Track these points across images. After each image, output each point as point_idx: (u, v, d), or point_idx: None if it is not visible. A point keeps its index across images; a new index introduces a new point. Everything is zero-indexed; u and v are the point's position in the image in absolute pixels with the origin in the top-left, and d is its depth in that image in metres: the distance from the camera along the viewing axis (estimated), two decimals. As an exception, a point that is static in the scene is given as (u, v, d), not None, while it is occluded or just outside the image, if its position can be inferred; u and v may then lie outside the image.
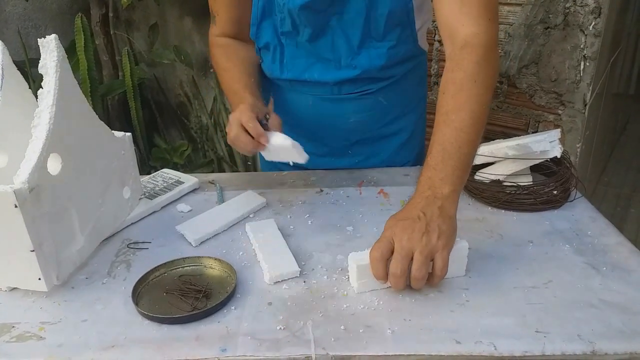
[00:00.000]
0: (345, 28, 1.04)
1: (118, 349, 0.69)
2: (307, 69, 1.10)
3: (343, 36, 1.05)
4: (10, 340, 0.71)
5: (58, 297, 0.80)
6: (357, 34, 1.04)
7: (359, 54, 1.07)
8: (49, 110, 0.76)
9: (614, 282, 0.79)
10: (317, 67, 1.10)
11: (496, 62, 0.89)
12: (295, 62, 1.11)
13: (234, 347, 0.69)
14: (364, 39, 1.05)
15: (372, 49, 1.06)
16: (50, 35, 0.78)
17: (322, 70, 1.10)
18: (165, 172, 1.16)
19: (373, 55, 1.07)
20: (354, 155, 1.21)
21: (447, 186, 0.78)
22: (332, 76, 1.10)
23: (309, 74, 1.11)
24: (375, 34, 1.05)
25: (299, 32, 1.06)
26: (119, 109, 2.49)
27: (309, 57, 1.10)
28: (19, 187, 0.70)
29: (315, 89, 1.13)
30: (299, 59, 1.10)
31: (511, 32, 1.62)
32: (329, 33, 1.05)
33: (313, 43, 1.07)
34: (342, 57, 1.08)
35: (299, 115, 1.18)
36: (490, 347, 0.67)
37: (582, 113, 1.60)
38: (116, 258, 0.89)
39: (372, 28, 1.04)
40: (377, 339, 0.69)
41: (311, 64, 1.10)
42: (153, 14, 2.48)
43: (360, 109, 1.15)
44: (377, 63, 1.08)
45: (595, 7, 1.48)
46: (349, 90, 1.12)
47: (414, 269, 0.73)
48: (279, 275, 0.81)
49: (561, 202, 1.00)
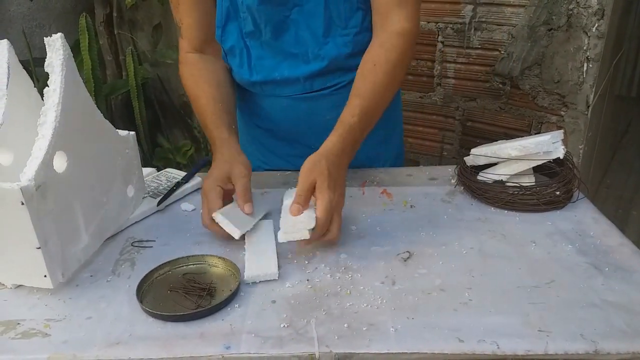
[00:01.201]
0: (307, 19, 1.04)
1: (123, 346, 0.70)
2: (276, 67, 1.09)
3: (306, 28, 1.05)
4: (16, 336, 0.72)
5: (63, 295, 0.80)
6: (320, 24, 1.04)
7: (326, 43, 1.06)
8: (55, 109, 0.77)
9: (616, 283, 0.79)
10: (286, 65, 1.09)
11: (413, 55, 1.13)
12: (263, 63, 1.10)
13: (238, 345, 0.69)
14: (327, 28, 1.05)
15: (338, 37, 1.06)
16: (56, 34, 0.79)
17: (291, 66, 1.09)
18: (169, 172, 1.17)
19: (339, 43, 1.06)
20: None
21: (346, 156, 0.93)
22: (301, 71, 1.09)
23: (279, 72, 1.09)
24: (338, 21, 1.04)
25: (261, 30, 1.05)
26: (122, 108, 2.50)
27: (275, 56, 1.08)
28: (26, 185, 0.71)
29: (287, 89, 1.12)
30: (266, 60, 1.09)
31: (514, 34, 1.63)
32: (292, 27, 1.05)
33: (277, 40, 1.06)
34: (309, 49, 1.07)
35: (274, 119, 1.18)
36: (493, 345, 0.67)
37: (584, 115, 1.60)
38: (120, 256, 0.90)
39: (334, 15, 1.04)
40: (381, 337, 0.69)
41: (279, 62, 1.09)
42: (157, 14, 2.49)
43: (335, 105, 1.13)
44: (344, 51, 1.07)
45: (598, 8, 1.48)
46: (321, 84, 1.11)
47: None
48: (255, 275, 0.81)
49: (564, 203, 1.01)
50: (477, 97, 1.79)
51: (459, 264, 0.85)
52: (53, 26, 2.41)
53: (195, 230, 0.96)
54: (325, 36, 1.05)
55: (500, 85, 1.72)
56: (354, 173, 1.17)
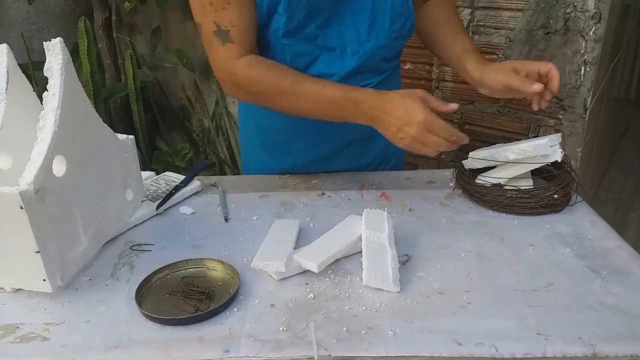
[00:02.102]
0: (353, 16, 1.06)
1: (121, 349, 0.70)
2: (312, 63, 1.08)
3: (351, 24, 1.06)
4: (15, 340, 0.72)
5: (62, 299, 0.80)
6: (365, 22, 1.06)
7: (367, 41, 1.07)
8: (54, 113, 0.77)
9: (614, 286, 0.79)
10: (322, 59, 1.08)
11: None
12: (299, 60, 1.08)
13: (237, 348, 0.69)
14: (371, 27, 1.07)
15: (380, 38, 1.08)
16: (56, 39, 0.79)
17: (327, 62, 1.08)
18: (168, 175, 1.17)
19: (379, 44, 1.08)
20: (348, 154, 1.21)
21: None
22: (337, 68, 1.08)
23: (315, 68, 1.08)
24: (381, 22, 1.07)
25: (307, 23, 1.04)
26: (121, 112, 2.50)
27: (313, 51, 1.08)
28: (25, 189, 0.71)
29: None
30: (303, 57, 1.08)
31: (512, 37, 1.63)
32: (338, 20, 1.06)
33: (323, 31, 1.06)
34: (348, 45, 1.08)
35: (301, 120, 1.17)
36: (491, 349, 0.68)
37: (582, 118, 1.60)
38: (119, 260, 0.90)
39: (378, 16, 1.06)
40: (379, 341, 0.69)
41: (315, 57, 1.08)
42: (155, 18, 2.49)
43: None
44: (381, 53, 1.10)
45: (595, 12, 1.48)
46: (353, 84, 1.09)
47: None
48: (262, 265, 0.82)
49: (562, 206, 1.01)
50: (475, 100, 1.79)
51: (458, 267, 0.85)
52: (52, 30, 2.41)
53: (194, 234, 0.97)
54: (367, 34, 1.07)
55: (499, 88, 1.72)
56: (352, 176, 1.18)
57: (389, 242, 0.86)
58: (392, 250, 0.85)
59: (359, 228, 0.90)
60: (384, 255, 0.84)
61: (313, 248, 0.86)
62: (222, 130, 2.46)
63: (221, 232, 0.97)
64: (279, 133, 1.20)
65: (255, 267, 0.83)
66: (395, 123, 0.93)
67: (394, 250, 0.85)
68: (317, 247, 0.86)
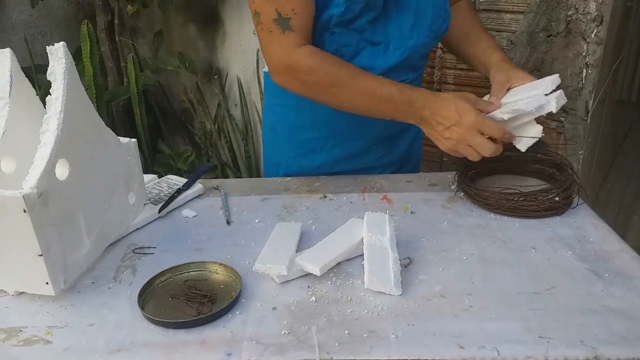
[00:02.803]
0: (400, 11, 1.09)
1: (124, 352, 0.70)
2: (356, 55, 1.10)
3: (396, 19, 1.10)
4: (18, 344, 0.72)
5: (65, 302, 0.80)
6: (410, 18, 1.10)
7: (409, 37, 1.11)
8: (57, 117, 0.77)
9: (616, 289, 0.79)
10: (366, 52, 1.10)
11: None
12: (343, 50, 1.08)
13: (239, 352, 0.69)
14: (414, 25, 1.11)
15: (421, 36, 1.12)
16: (59, 43, 0.79)
17: (370, 55, 1.10)
18: (170, 178, 1.17)
19: (420, 43, 1.12)
20: (377, 151, 1.24)
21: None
22: (379, 62, 1.10)
23: (358, 60, 1.09)
24: (423, 21, 1.11)
25: (362, 15, 1.05)
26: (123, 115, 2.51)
27: (359, 43, 1.09)
28: (28, 192, 0.71)
29: None
30: (349, 47, 1.09)
31: (514, 40, 1.64)
32: (385, 15, 1.09)
33: (372, 24, 1.08)
34: (392, 40, 1.10)
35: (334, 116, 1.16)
36: (493, 352, 0.68)
37: (584, 120, 1.61)
38: (122, 263, 0.90)
39: (421, 14, 1.10)
40: (381, 344, 0.69)
41: (360, 49, 1.10)
42: (158, 21, 2.50)
43: None
44: (422, 50, 1.15)
45: (597, 15, 1.49)
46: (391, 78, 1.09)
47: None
48: (264, 268, 0.82)
49: (564, 209, 1.01)
50: (477, 103, 1.79)
51: (460, 270, 0.85)
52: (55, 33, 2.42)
53: (197, 237, 0.97)
54: (411, 31, 1.11)
55: (500, 91, 1.72)
56: (354, 179, 1.18)
57: (390, 245, 0.87)
58: (394, 253, 0.85)
59: (360, 231, 0.91)
60: (386, 258, 0.84)
61: (315, 251, 0.87)
62: (224, 133, 2.47)
63: (223, 235, 0.97)
64: (310, 130, 1.21)
65: (257, 270, 0.83)
66: (445, 123, 0.97)
67: (395, 253, 0.85)
68: (319, 250, 0.87)
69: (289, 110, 1.22)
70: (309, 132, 1.21)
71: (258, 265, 0.83)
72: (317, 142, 1.22)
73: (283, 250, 0.87)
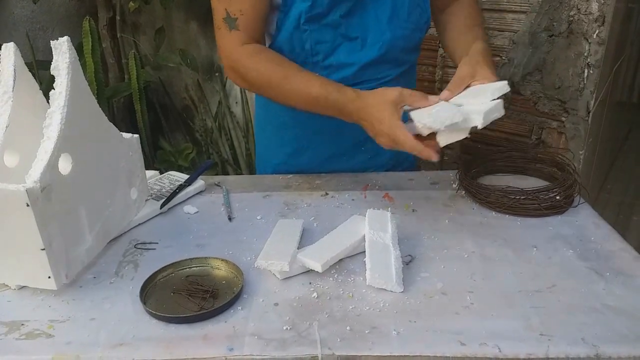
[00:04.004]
0: (375, 5, 1.07)
1: (126, 347, 0.70)
2: (333, 51, 1.09)
3: (372, 13, 1.08)
4: (20, 337, 0.72)
5: (67, 296, 0.80)
6: (387, 11, 1.08)
7: (387, 30, 1.09)
8: (60, 111, 0.77)
9: (617, 288, 0.80)
10: (343, 48, 1.09)
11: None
12: (318, 47, 1.09)
13: (241, 347, 0.69)
14: (391, 17, 1.08)
15: (399, 29, 1.10)
16: (63, 38, 0.79)
17: (348, 51, 1.09)
18: (172, 174, 1.17)
19: (398, 35, 1.10)
20: (368, 151, 1.22)
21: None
22: (357, 57, 1.10)
23: (335, 57, 1.09)
24: (401, 12, 1.09)
25: (331, 10, 1.05)
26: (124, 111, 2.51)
27: (335, 39, 1.09)
28: (31, 186, 0.71)
29: (339, 74, 1.10)
30: (324, 44, 1.08)
31: (515, 40, 1.64)
32: (360, 9, 1.07)
33: (346, 19, 1.07)
34: (369, 34, 1.09)
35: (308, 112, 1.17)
36: (494, 349, 0.68)
37: (585, 120, 1.61)
38: (124, 258, 0.90)
39: (399, 6, 1.08)
40: (383, 340, 0.70)
41: (337, 45, 1.09)
42: (159, 18, 2.50)
43: None
44: (400, 44, 1.12)
45: (599, 15, 1.49)
46: (371, 75, 1.12)
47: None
48: (266, 264, 0.82)
49: (565, 208, 1.01)
50: (478, 102, 1.79)
51: (461, 267, 0.85)
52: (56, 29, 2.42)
53: (198, 233, 0.97)
54: (388, 23, 1.09)
55: (502, 90, 1.72)
56: (355, 177, 1.18)
57: (392, 242, 0.87)
58: (396, 250, 0.85)
59: (362, 228, 0.91)
60: (388, 255, 0.84)
61: (317, 248, 0.87)
62: (224, 130, 2.47)
63: (225, 231, 0.98)
64: (294, 128, 1.21)
65: (259, 267, 0.83)
66: (371, 130, 0.95)
67: (397, 251, 0.85)
68: (321, 247, 0.87)
69: (274, 107, 1.21)
70: (294, 130, 1.21)
71: (260, 262, 0.83)
72: (302, 141, 1.21)
73: (285, 246, 0.87)
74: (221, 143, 2.47)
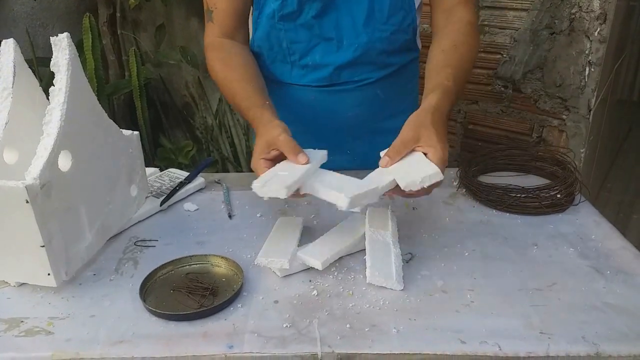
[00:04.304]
0: (350, 6, 1.06)
1: (126, 344, 0.70)
2: (309, 51, 1.10)
3: (348, 14, 1.06)
4: (20, 334, 0.72)
5: (66, 293, 0.80)
6: (363, 13, 1.06)
7: (363, 32, 1.07)
8: (60, 108, 0.77)
9: (618, 286, 0.79)
10: (319, 49, 1.09)
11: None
12: (294, 47, 1.10)
13: (241, 344, 0.69)
14: (368, 19, 1.06)
15: (377, 31, 1.07)
16: (63, 34, 0.79)
17: (323, 52, 1.09)
18: (172, 172, 1.17)
19: (376, 37, 1.08)
20: (352, 153, 1.21)
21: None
22: (333, 58, 1.09)
23: (311, 57, 1.10)
24: (379, 15, 1.06)
25: (303, 10, 1.05)
26: (124, 108, 2.50)
27: (310, 40, 1.09)
28: (31, 183, 0.71)
29: (315, 74, 1.12)
30: (300, 44, 1.09)
31: (517, 37, 1.63)
32: (334, 11, 1.06)
33: (317, 21, 1.06)
34: (345, 36, 1.08)
35: (297, 111, 1.18)
36: (495, 347, 0.68)
37: (586, 118, 1.61)
38: (123, 255, 0.90)
39: (377, 8, 1.06)
40: (383, 338, 0.70)
41: (313, 45, 1.09)
42: (160, 15, 2.49)
43: (358, 102, 1.15)
44: (379, 46, 1.09)
45: (600, 13, 1.48)
46: (348, 77, 1.12)
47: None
48: (266, 261, 0.82)
49: (565, 206, 1.01)
50: (479, 100, 1.79)
51: (461, 266, 0.85)
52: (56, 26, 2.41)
53: (198, 230, 0.97)
54: (365, 25, 1.07)
55: (502, 88, 1.72)
56: (354, 174, 1.17)
57: (392, 240, 0.87)
58: (396, 248, 0.85)
59: (362, 226, 0.91)
60: (388, 253, 0.84)
61: (317, 246, 0.87)
62: (225, 127, 2.46)
63: (225, 228, 0.98)
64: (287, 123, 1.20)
65: (260, 264, 0.83)
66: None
67: (397, 249, 0.85)
68: (321, 245, 0.87)
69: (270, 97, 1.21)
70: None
71: (260, 259, 0.83)
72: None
73: (285, 244, 0.87)
74: (221, 140, 2.46)
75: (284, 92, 1.18)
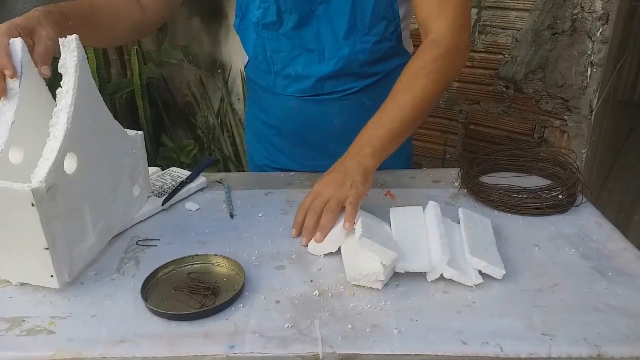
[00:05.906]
0: (331, 18, 1.04)
1: (127, 344, 0.70)
2: (291, 62, 1.10)
3: (329, 26, 1.05)
4: (21, 334, 0.72)
5: (68, 293, 0.81)
6: (344, 25, 1.04)
7: (344, 45, 1.06)
8: (67, 110, 0.77)
9: (620, 287, 0.79)
10: (301, 60, 1.09)
11: (457, 64, 1.00)
12: (276, 57, 1.10)
13: (242, 345, 0.69)
14: (350, 31, 1.05)
15: (358, 43, 1.06)
16: (72, 36, 0.79)
17: (306, 63, 1.09)
18: (174, 171, 1.17)
19: (358, 49, 1.07)
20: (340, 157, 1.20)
21: (369, 148, 0.91)
22: (315, 70, 1.09)
23: (293, 68, 1.10)
24: (361, 26, 1.05)
25: (283, 21, 1.05)
26: (126, 108, 2.50)
27: (292, 50, 1.08)
28: (37, 187, 0.71)
29: (298, 85, 1.12)
30: (282, 53, 1.09)
31: (519, 38, 1.63)
32: (315, 22, 1.05)
33: (298, 32, 1.06)
34: (327, 48, 1.07)
35: (282, 119, 1.19)
36: (496, 348, 0.68)
37: (588, 119, 1.60)
38: (125, 255, 0.90)
39: (359, 20, 1.04)
40: (384, 339, 0.70)
41: (294, 57, 1.09)
42: (162, 15, 2.49)
43: (343, 111, 1.15)
44: (361, 57, 1.08)
45: (603, 13, 1.48)
46: (332, 88, 1.11)
47: (324, 212, 0.86)
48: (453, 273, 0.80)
49: (567, 207, 1.01)
50: (481, 100, 1.79)
51: (463, 266, 0.85)
52: (59, 25, 2.42)
53: (200, 230, 0.97)
54: (346, 38, 1.05)
55: (504, 89, 1.72)
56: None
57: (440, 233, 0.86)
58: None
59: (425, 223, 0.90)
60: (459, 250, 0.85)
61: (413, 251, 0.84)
62: (227, 127, 2.46)
63: (227, 228, 0.98)
64: (269, 127, 1.23)
65: (452, 278, 0.79)
66: None
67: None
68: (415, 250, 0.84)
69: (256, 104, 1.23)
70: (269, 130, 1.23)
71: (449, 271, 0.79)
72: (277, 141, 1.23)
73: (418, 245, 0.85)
74: (223, 140, 2.47)
75: (270, 100, 1.19)
